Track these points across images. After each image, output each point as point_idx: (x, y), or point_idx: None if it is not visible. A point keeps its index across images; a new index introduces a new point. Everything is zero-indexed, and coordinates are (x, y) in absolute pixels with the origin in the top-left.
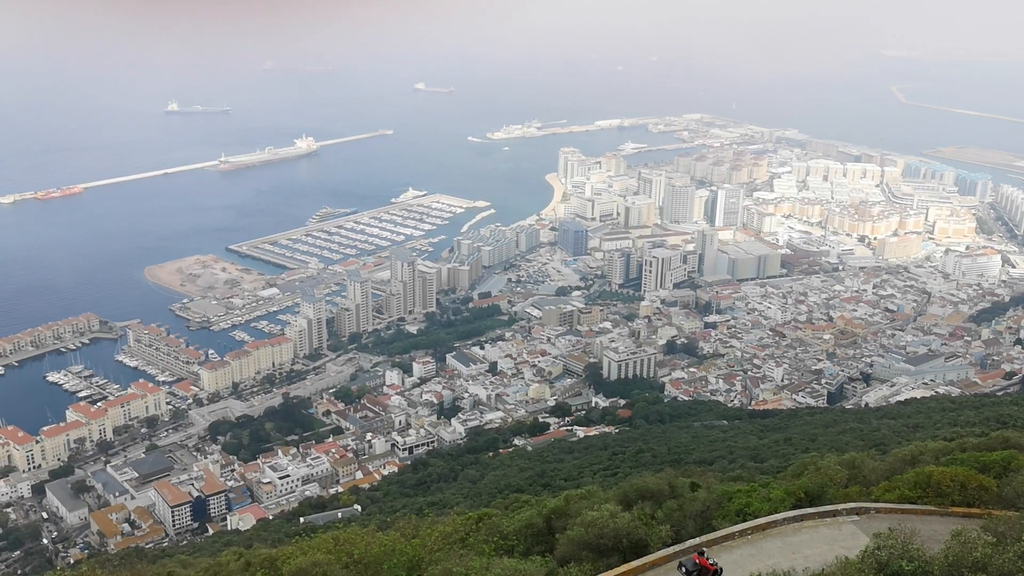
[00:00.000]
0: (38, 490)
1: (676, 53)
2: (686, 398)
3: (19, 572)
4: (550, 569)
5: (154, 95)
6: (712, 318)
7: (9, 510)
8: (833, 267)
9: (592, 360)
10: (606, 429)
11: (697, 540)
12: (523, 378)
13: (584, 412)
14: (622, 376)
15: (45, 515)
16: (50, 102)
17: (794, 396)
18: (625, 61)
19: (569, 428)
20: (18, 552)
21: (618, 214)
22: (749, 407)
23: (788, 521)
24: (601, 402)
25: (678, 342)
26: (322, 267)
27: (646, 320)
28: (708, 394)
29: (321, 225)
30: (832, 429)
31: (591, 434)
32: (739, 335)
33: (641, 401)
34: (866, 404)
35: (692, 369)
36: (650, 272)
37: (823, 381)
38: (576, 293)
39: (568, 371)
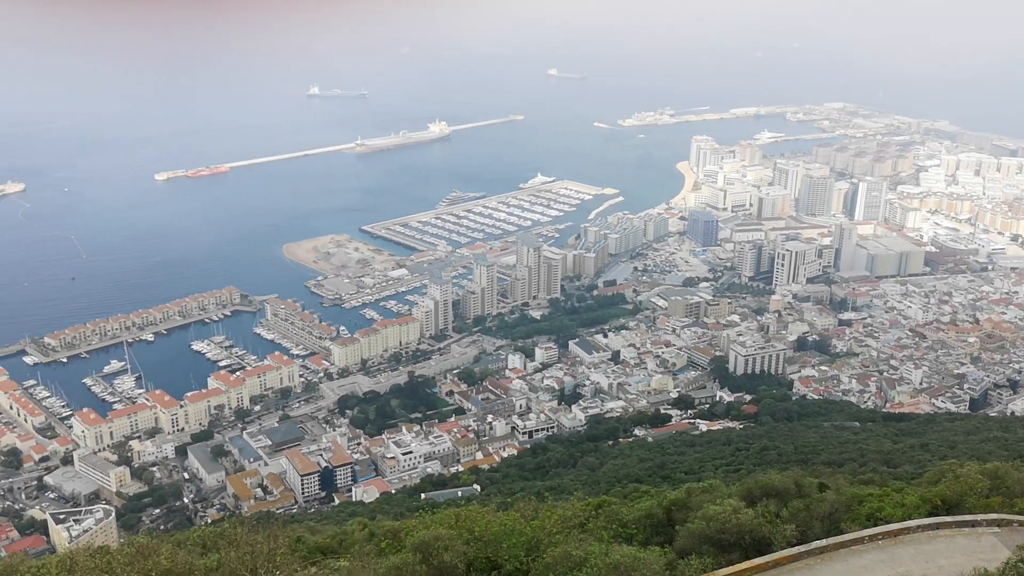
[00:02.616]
0: (181, 452)
1: (819, 40)
2: (816, 397)
3: (161, 527)
4: (669, 560)
5: (297, 79)
6: (847, 315)
7: (154, 469)
8: (982, 267)
9: (718, 353)
10: (730, 424)
11: (824, 542)
12: (646, 368)
13: (707, 406)
14: (749, 371)
15: (186, 476)
16: (202, 85)
17: (933, 400)
18: (765, 47)
19: (691, 421)
20: (158, 510)
21: (751, 205)
22: (883, 409)
23: (923, 529)
24: (726, 396)
25: (809, 339)
26: (450, 250)
27: (776, 315)
28: (839, 394)
29: (450, 208)
30: (974, 437)
31: (714, 428)
32: (876, 334)
33: (768, 397)
34: (1012, 412)
35: (823, 367)
36: (783, 265)
37: (965, 386)
38: (704, 284)
39: (692, 363)
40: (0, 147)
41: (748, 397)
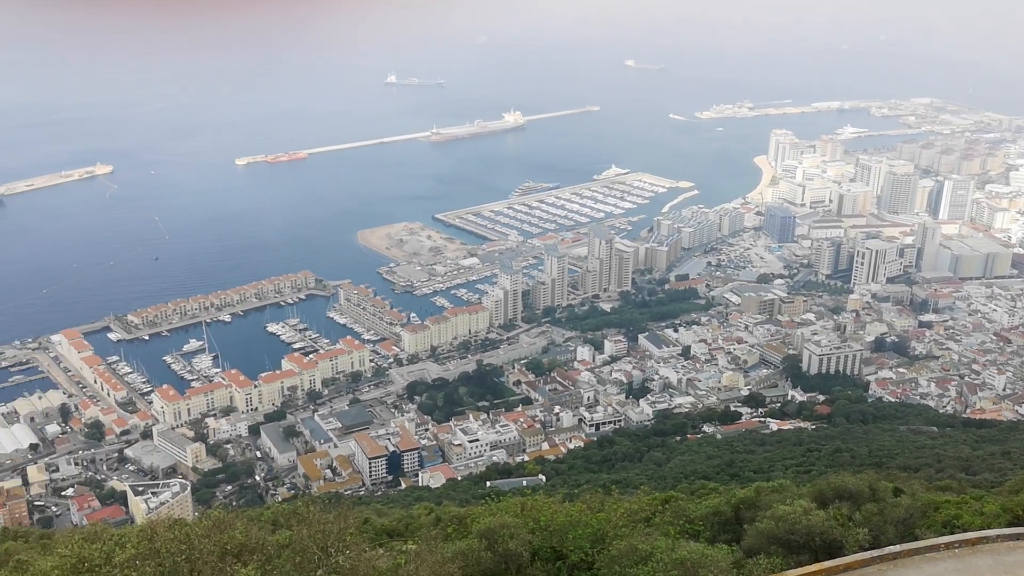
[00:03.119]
0: (254, 431)
1: (908, 33)
2: (892, 399)
3: (233, 503)
4: (737, 559)
5: (374, 67)
6: (928, 317)
7: (228, 446)
8: None
9: (791, 352)
10: (801, 424)
11: (898, 548)
12: (716, 364)
13: (779, 405)
14: (823, 371)
15: (259, 454)
16: (283, 72)
17: (1017, 407)
18: (850, 39)
19: (762, 420)
20: (231, 486)
21: (830, 201)
22: (963, 415)
23: (1003, 539)
24: (798, 396)
25: (887, 340)
26: (521, 240)
27: (854, 314)
28: (917, 397)
29: (523, 199)
30: None
31: (785, 428)
32: (957, 337)
33: (842, 399)
34: None
35: (901, 369)
36: (862, 264)
37: None
38: (779, 281)
39: (765, 361)
40: (91, 130)
41: (821, 397)
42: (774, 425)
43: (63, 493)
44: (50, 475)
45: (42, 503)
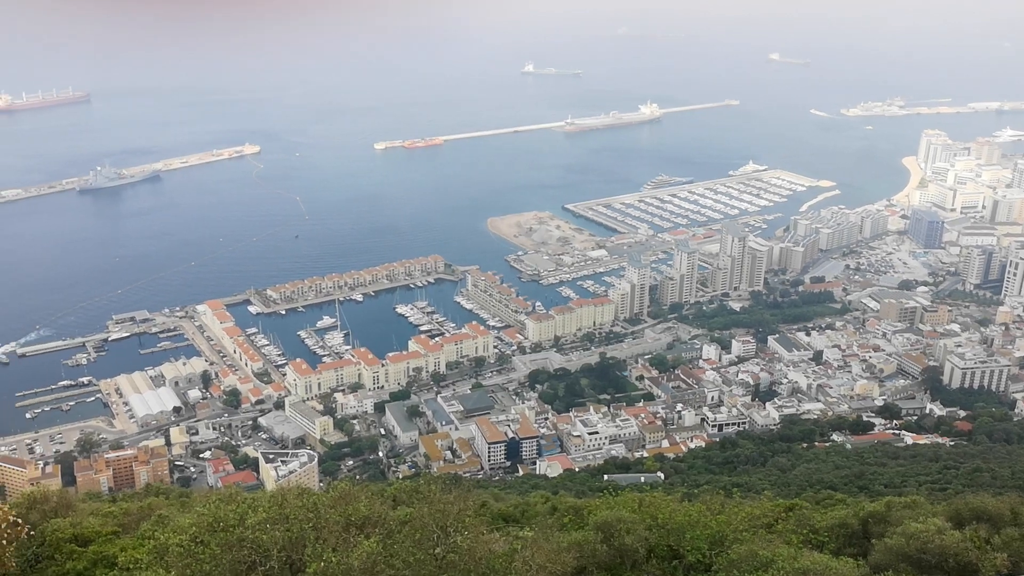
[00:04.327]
0: (379, 408)
1: None
2: None
3: (357, 477)
4: (863, 574)
5: (513, 56)
6: None
7: (355, 422)
8: None
9: (932, 363)
10: (939, 439)
11: None
12: (850, 372)
13: (915, 418)
14: (965, 385)
15: (383, 431)
16: (424, 59)
17: None
18: (1013, 36)
19: (896, 432)
20: (355, 460)
21: (984, 207)
22: None
23: None
24: (937, 410)
25: None
26: (651, 234)
27: (1003, 327)
28: None
29: (655, 192)
30: None
31: (921, 442)
32: None
33: (985, 415)
34: None
35: None
36: (1015, 274)
37: None
38: (922, 289)
39: (902, 371)
40: (242, 112)
41: (962, 413)
42: (909, 438)
43: (201, 455)
44: (190, 437)
45: (182, 463)
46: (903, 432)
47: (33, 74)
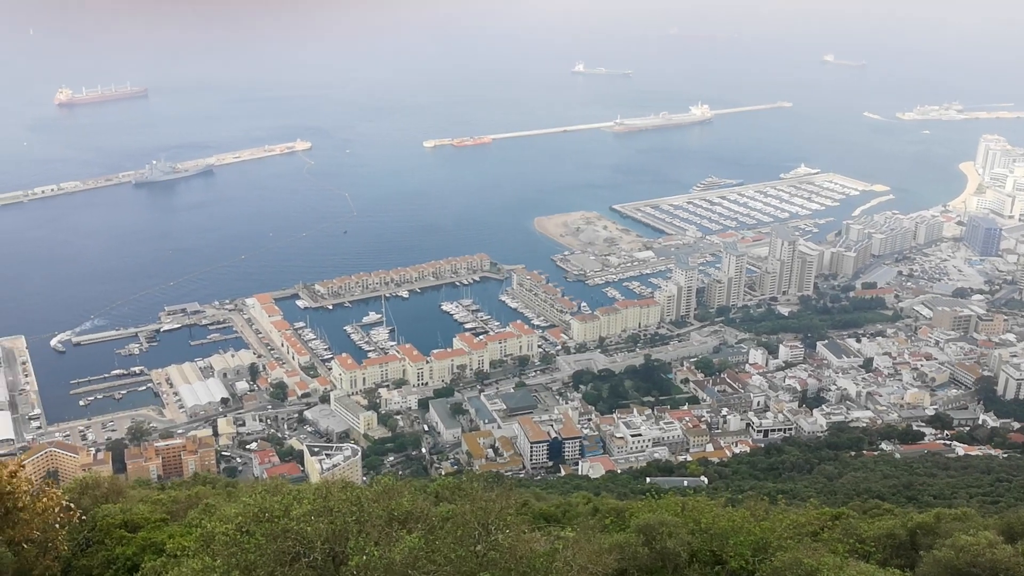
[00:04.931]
0: (423, 405)
1: None
2: None
3: (399, 473)
4: None
5: (563, 55)
6: None
7: (398, 417)
8: None
9: (986, 373)
10: (992, 451)
11: None
12: (900, 380)
13: (968, 428)
14: (1021, 396)
15: (426, 427)
16: (473, 57)
17: None
18: None
19: (947, 442)
20: (397, 456)
21: None
22: None
23: None
24: (991, 421)
25: None
26: (699, 236)
27: None
28: None
29: (704, 194)
30: None
31: (973, 453)
32: None
33: None
34: None
35: None
36: None
37: None
38: (977, 297)
39: (955, 381)
40: (294, 108)
41: (1017, 425)
42: (960, 449)
43: (247, 446)
44: (237, 428)
45: (228, 454)
46: (954, 443)
47: (93, 69)
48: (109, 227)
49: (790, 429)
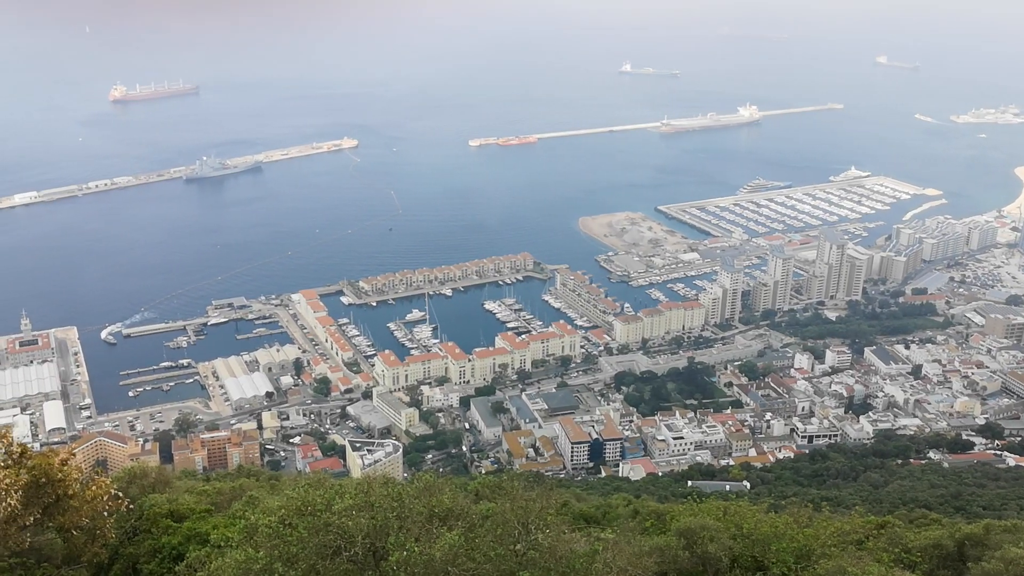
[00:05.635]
0: (464, 403)
1: None
2: None
3: (440, 470)
4: None
5: (611, 55)
6: None
7: (440, 415)
8: None
9: None
10: None
11: None
12: (950, 388)
13: (1020, 439)
14: None
15: (467, 426)
16: (520, 57)
17: None
18: None
19: (998, 452)
20: (438, 453)
21: None
22: None
23: None
24: None
25: None
26: (746, 238)
27: None
28: None
29: (751, 196)
30: None
31: None
32: None
33: None
34: None
35: None
36: None
37: None
38: None
39: (1007, 390)
40: (342, 106)
41: None
42: (1011, 460)
43: (291, 440)
44: (281, 422)
45: (272, 447)
46: (1005, 453)
47: (147, 66)
48: (160, 221)
49: (835, 435)
